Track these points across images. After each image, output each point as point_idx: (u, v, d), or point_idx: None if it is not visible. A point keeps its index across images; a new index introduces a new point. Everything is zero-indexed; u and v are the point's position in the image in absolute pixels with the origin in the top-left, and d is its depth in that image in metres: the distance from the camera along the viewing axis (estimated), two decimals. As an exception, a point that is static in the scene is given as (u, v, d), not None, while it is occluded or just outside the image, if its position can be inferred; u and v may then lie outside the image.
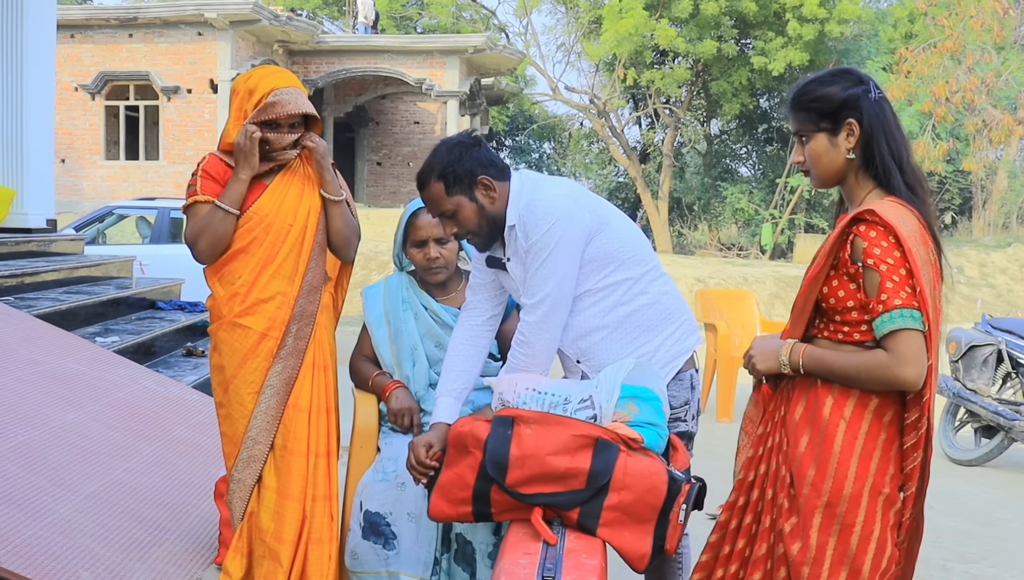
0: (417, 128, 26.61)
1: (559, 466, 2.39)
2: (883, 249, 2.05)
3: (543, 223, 2.64)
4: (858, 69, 2.28)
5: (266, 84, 2.99)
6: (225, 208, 2.98)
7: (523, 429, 2.44)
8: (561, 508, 2.41)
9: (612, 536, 2.41)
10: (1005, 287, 19.00)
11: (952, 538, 4.76)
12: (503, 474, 2.42)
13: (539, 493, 2.40)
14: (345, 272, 3.29)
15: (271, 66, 3.13)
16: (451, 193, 2.67)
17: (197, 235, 3.00)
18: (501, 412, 2.53)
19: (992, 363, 6.38)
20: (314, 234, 3.08)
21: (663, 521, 2.40)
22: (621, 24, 25.53)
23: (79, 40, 21.09)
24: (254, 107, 2.98)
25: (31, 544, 2.91)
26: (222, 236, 3.00)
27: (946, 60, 19.80)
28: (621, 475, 2.39)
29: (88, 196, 20.87)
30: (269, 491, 3.01)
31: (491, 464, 2.43)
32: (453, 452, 2.55)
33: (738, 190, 29.42)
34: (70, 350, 5.13)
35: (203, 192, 3.02)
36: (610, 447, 2.41)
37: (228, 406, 3.05)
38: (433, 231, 3.15)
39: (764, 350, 2.26)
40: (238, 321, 3.01)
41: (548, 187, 2.73)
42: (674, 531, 2.42)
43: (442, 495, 2.55)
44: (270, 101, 2.96)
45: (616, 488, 2.38)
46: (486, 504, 2.48)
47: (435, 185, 2.68)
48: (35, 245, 7.42)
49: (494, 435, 2.45)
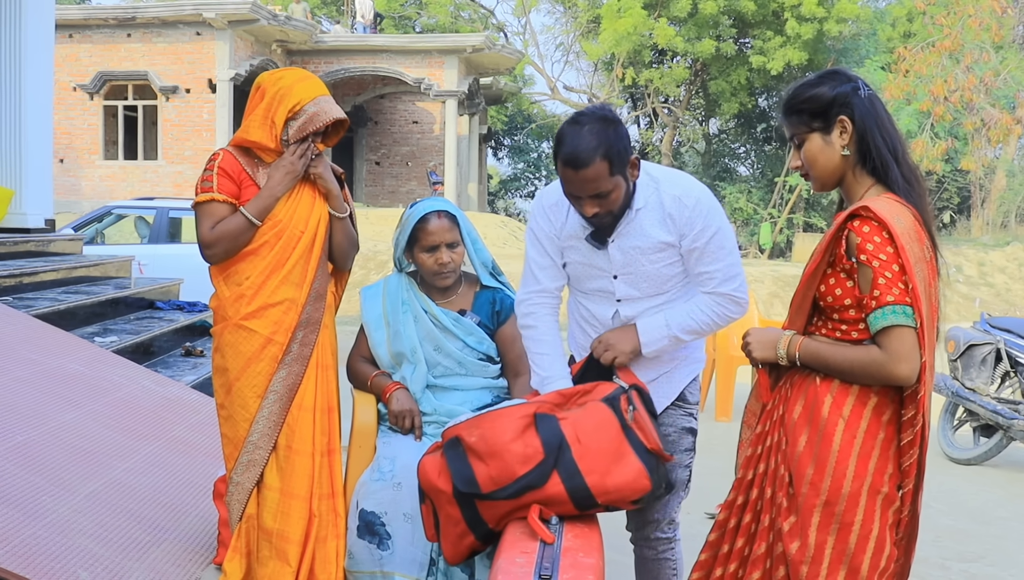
0: (416, 128, 26.61)
1: (517, 450, 2.45)
2: (876, 245, 2.05)
3: (703, 204, 2.69)
4: (847, 69, 2.31)
5: (305, 93, 2.97)
6: (251, 219, 2.98)
7: (468, 438, 2.50)
8: (537, 485, 2.43)
9: (603, 480, 2.44)
10: (1004, 286, 19.01)
11: (951, 537, 4.76)
12: (476, 486, 2.46)
13: (514, 481, 2.43)
14: (343, 274, 3.30)
15: (300, 71, 3.10)
16: (614, 173, 2.56)
17: (216, 240, 2.97)
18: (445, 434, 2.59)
19: (991, 362, 6.38)
20: (323, 243, 3.09)
21: (629, 434, 2.49)
22: (619, 23, 25.55)
23: (77, 40, 21.09)
24: (288, 112, 2.96)
25: (30, 544, 2.91)
26: (242, 245, 3.00)
27: (944, 59, 19.82)
28: (572, 431, 2.47)
29: (87, 196, 20.87)
30: (272, 492, 3.00)
31: (461, 484, 2.48)
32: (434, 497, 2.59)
33: (737, 189, 29.43)
34: (69, 350, 5.13)
35: (220, 191, 3.00)
36: (548, 417, 2.50)
37: (230, 408, 3.04)
38: (445, 236, 3.13)
39: (762, 339, 2.27)
40: (244, 324, 3.00)
41: (679, 173, 2.81)
42: (643, 431, 2.51)
43: (447, 540, 2.59)
44: (312, 112, 2.95)
45: (573, 442, 2.46)
46: (482, 524, 2.52)
47: (599, 164, 2.53)
48: (34, 245, 7.41)
49: (450, 458, 2.51)
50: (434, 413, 3.14)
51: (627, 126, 25.45)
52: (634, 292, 2.77)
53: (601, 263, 2.77)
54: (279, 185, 3.00)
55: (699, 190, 2.72)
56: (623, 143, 2.57)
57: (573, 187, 2.60)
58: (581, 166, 2.53)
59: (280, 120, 2.97)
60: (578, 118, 2.59)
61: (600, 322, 2.84)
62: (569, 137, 2.55)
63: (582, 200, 2.61)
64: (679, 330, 2.72)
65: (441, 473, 2.53)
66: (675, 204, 2.67)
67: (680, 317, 2.73)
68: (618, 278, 2.76)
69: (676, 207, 2.67)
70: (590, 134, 2.53)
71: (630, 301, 2.78)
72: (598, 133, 2.53)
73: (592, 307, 2.84)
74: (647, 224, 2.69)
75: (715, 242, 2.68)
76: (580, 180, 2.56)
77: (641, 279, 2.75)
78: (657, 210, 2.68)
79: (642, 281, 2.75)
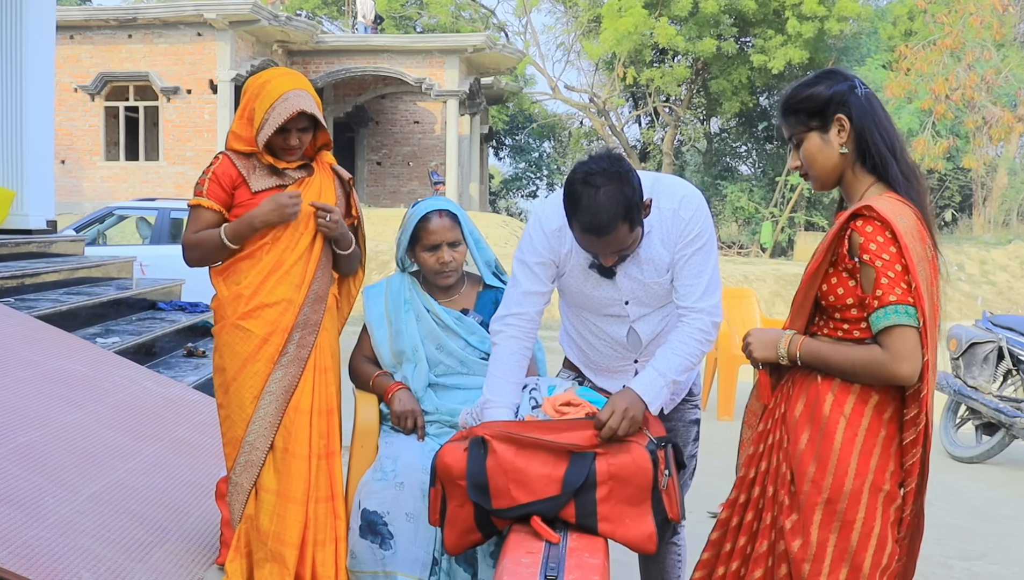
0: (417, 127, 26.61)
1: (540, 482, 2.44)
2: (879, 245, 2.05)
3: (700, 213, 2.65)
4: (844, 69, 2.31)
5: (276, 89, 2.96)
6: (225, 241, 3.00)
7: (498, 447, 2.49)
8: (548, 515, 2.44)
9: (614, 530, 2.45)
10: (1006, 284, 18.99)
11: (953, 535, 4.76)
12: (487, 500, 2.46)
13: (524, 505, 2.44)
14: (351, 279, 3.32)
15: (281, 69, 3.10)
16: (634, 229, 2.52)
17: (192, 246, 3.05)
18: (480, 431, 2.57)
19: (993, 360, 6.38)
20: (322, 246, 3.10)
21: (656, 495, 2.46)
22: (620, 23, 25.53)
23: (78, 41, 21.09)
24: (264, 112, 2.95)
25: (32, 545, 2.91)
26: (215, 259, 3.06)
27: (946, 57, 19.81)
28: (605, 470, 2.44)
29: (88, 197, 20.87)
30: (268, 494, 3.00)
31: (473, 493, 2.48)
32: (448, 489, 2.58)
33: (738, 188, 29.40)
34: (71, 351, 5.13)
35: (208, 196, 3.03)
36: (584, 455, 2.46)
37: (228, 408, 3.05)
38: (446, 235, 3.14)
39: (763, 339, 2.27)
40: (240, 323, 3.01)
41: (673, 179, 2.75)
42: (669, 499, 2.49)
43: (452, 531, 2.58)
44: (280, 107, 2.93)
45: (603, 482, 2.44)
46: (490, 524, 2.53)
47: (621, 228, 2.48)
48: (35, 246, 7.42)
49: (472, 457, 2.50)
50: (435, 412, 3.14)
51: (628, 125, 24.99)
52: (646, 309, 2.77)
53: (610, 293, 2.75)
54: (260, 220, 2.98)
55: (696, 201, 2.67)
56: (638, 196, 2.50)
57: (594, 248, 2.56)
58: (604, 234, 2.48)
59: (258, 120, 2.97)
60: (590, 179, 2.47)
61: (615, 340, 2.83)
62: (585, 202, 2.46)
63: (601, 254, 2.60)
64: (673, 373, 2.63)
65: (461, 471, 2.51)
66: (673, 219, 2.65)
67: (667, 361, 2.63)
68: (629, 303, 2.75)
69: (674, 222, 2.65)
70: (607, 199, 2.45)
71: (643, 318, 2.79)
72: (615, 196, 2.45)
73: (605, 327, 2.83)
74: (651, 249, 2.67)
75: (702, 253, 2.65)
76: (603, 244, 2.53)
77: (651, 297, 2.74)
78: (659, 231, 2.66)
79: (652, 298, 2.75)
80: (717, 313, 2.68)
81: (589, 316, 2.84)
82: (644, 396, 2.57)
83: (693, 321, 2.65)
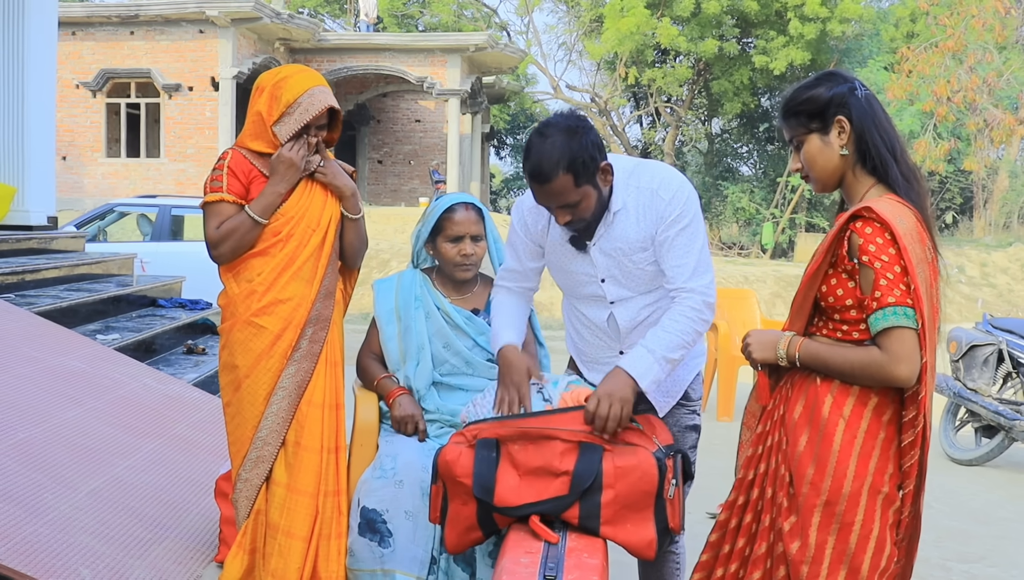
0: (418, 126, 26.61)
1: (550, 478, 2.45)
2: (878, 246, 2.05)
3: (681, 193, 2.64)
4: (844, 71, 2.32)
5: (299, 86, 2.97)
6: (256, 218, 2.99)
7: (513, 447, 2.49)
8: (552, 515, 2.44)
9: (615, 533, 2.44)
10: (1006, 287, 18.99)
11: (952, 538, 4.76)
12: (491, 498, 2.46)
13: (531, 504, 2.44)
14: (352, 272, 3.31)
15: (297, 67, 3.11)
16: (580, 184, 2.53)
17: (222, 238, 2.99)
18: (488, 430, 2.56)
19: (993, 363, 6.38)
20: (333, 241, 3.11)
21: (660, 503, 2.45)
22: (622, 23, 25.54)
23: (80, 37, 21.10)
24: (283, 108, 2.96)
25: (31, 541, 2.91)
26: (248, 244, 3.01)
27: (948, 59, 19.81)
28: (611, 471, 2.43)
29: (89, 193, 20.88)
30: (279, 487, 3.01)
31: (479, 490, 2.48)
32: (451, 487, 2.57)
33: (739, 189, 29.41)
34: (71, 347, 5.13)
35: (229, 191, 3.02)
36: (594, 449, 2.45)
37: (238, 405, 3.04)
38: (471, 228, 3.15)
39: (762, 340, 2.27)
40: (254, 320, 3.00)
41: (657, 164, 2.76)
42: (673, 508, 2.48)
43: (453, 529, 2.59)
44: (305, 103, 2.95)
45: (609, 485, 2.43)
46: (492, 524, 2.53)
47: (563, 178, 2.51)
48: (36, 242, 7.42)
49: (479, 459, 2.50)
50: (436, 411, 3.14)
51: (630, 125, 24.97)
52: (625, 292, 2.75)
53: (586, 268, 2.76)
54: (280, 180, 3.00)
55: (677, 182, 2.67)
56: (588, 153, 2.52)
57: (540, 198, 2.62)
58: (545, 180, 2.52)
59: (275, 117, 2.98)
60: (543, 129, 2.56)
61: (596, 325, 2.84)
62: (534, 149, 2.53)
63: (552, 209, 2.63)
64: (663, 349, 2.56)
65: (465, 469, 2.51)
66: (652, 199, 2.64)
67: (655, 338, 2.58)
68: (606, 282, 2.75)
69: (653, 201, 2.64)
70: (553, 147, 2.50)
71: (623, 302, 2.77)
72: (561, 146, 2.50)
73: (587, 311, 2.84)
74: (626, 225, 2.67)
75: (686, 234, 2.62)
76: (545, 193, 2.57)
77: (629, 278, 2.73)
78: (635, 209, 2.66)
79: (630, 280, 2.73)
80: (709, 293, 2.64)
81: (575, 301, 2.87)
82: (631, 371, 2.52)
83: (684, 300, 2.62)
